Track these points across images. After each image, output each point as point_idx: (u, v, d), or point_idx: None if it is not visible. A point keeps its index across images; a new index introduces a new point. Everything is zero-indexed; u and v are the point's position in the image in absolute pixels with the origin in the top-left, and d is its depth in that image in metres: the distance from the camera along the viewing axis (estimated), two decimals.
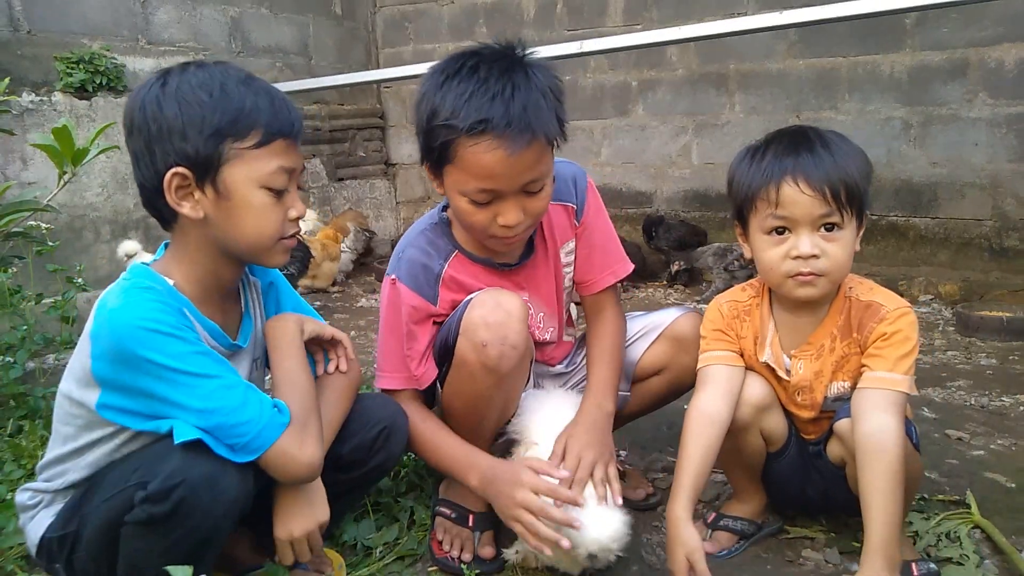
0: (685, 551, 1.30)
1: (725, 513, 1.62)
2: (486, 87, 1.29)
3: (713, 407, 1.42)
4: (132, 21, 4.11)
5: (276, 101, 1.20)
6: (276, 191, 1.21)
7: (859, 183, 1.32)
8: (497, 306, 1.42)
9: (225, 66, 1.22)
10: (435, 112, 1.33)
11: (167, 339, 1.10)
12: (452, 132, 1.30)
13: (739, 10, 4.11)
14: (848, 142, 1.37)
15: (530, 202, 1.39)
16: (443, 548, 1.57)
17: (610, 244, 1.69)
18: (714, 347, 1.50)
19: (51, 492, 1.24)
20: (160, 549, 1.09)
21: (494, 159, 1.29)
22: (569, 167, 1.65)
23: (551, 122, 1.34)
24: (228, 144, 1.16)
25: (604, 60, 4.65)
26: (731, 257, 3.94)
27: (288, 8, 4.97)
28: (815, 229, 1.33)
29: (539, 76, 1.34)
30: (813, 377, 1.44)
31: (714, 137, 4.43)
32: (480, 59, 1.33)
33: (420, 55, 5.33)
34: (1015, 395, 2.44)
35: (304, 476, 1.21)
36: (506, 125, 1.27)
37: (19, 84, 3.56)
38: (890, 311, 1.36)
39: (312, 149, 5.10)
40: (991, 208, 3.67)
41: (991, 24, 3.51)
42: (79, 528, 1.17)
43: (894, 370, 1.32)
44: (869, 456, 1.26)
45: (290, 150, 1.22)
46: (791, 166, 1.33)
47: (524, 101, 1.29)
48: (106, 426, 1.18)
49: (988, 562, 1.47)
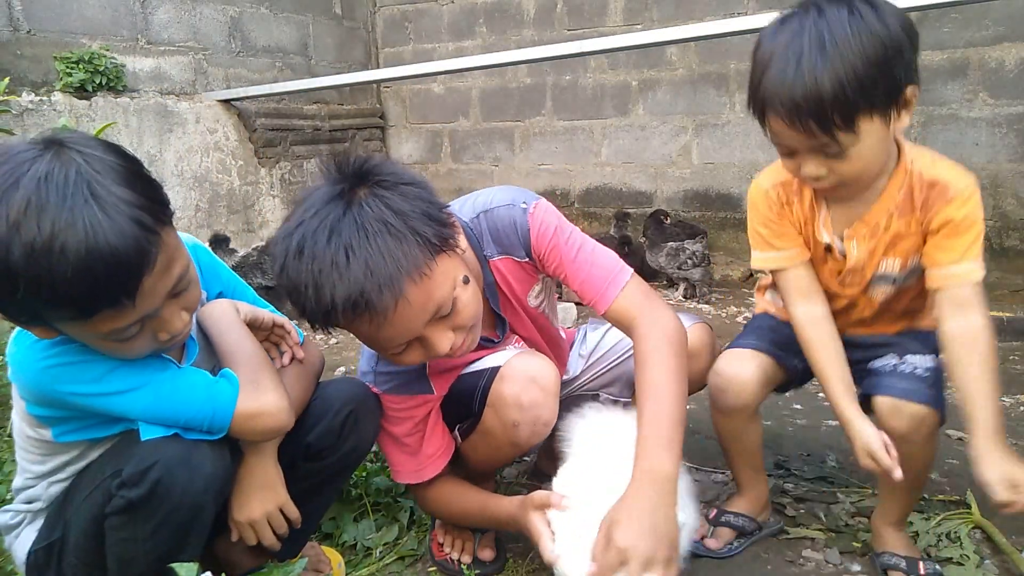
0: (861, 443, 1.29)
1: (726, 509, 1.62)
2: (317, 268, 1.07)
3: (818, 311, 1.39)
4: (132, 21, 4.10)
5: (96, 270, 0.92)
6: (123, 339, 1.03)
7: (860, 89, 1.11)
8: (531, 383, 1.33)
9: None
10: (295, 304, 1.14)
11: (77, 367, 1.05)
12: (316, 320, 1.14)
13: (739, 10, 4.11)
14: (864, 19, 1.12)
15: (455, 319, 1.19)
16: (443, 550, 1.57)
17: (591, 255, 1.37)
18: (781, 244, 1.40)
19: (32, 512, 1.23)
20: (144, 535, 1.08)
21: (372, 330, 1.13)
22: (508, 213, 1.38)
23: (408, 256, 1.09)
24: (47, 317, 0.99)
25: (604, 60, 4.65)
26: (683, 257, 3.92)
27: (288, 8, 4.96)
28: (818, 152, 1.20)
29: (374, 209, 1.09)
30: (867, 257, 1.36)
31: (714, 137, 4.43)
32: (302, 234, 1.10)
33: (420, 55, 5.34)
34: (1015, 395, 2.44)
35: (277, 425, 1.19)
36: (355, 302, 1.06)
37: (19, 84, 3.57)
38: (959, 191, 1.26)
39: (312, 149, 5.10)
40: (991, 208, 3.67)
41: (991, 24, 3.52)
42: (64, 533, 1.16)
43: (965, 259, 1.26)
44: (964, 354, 1.27)
45: (120, 315, 0.99)
46: (770, 95, 1.16)
47: (363, 263, 1.06)
48: (72, 448, 1.17)
49: (988, 562, 1.47)
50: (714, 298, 4.09)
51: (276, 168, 4.85)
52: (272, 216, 4.83)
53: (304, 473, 1.32)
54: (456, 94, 5.30)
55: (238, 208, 4.59)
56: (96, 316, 0.97)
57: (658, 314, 1.32)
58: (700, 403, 1.99)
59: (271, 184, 4.83)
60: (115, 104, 3.91)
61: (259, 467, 1.26)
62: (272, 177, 4.84)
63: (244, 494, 1.24)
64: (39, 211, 0.90)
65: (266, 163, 4.78)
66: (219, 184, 4.49)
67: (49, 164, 0.92)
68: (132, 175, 0.99)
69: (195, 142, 4.35)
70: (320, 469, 1.37)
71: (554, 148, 5.01)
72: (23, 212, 0.90)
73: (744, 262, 4.44)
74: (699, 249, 3.93)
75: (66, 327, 1.01)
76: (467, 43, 5.17)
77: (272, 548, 1.27)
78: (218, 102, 4.46)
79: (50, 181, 0.91)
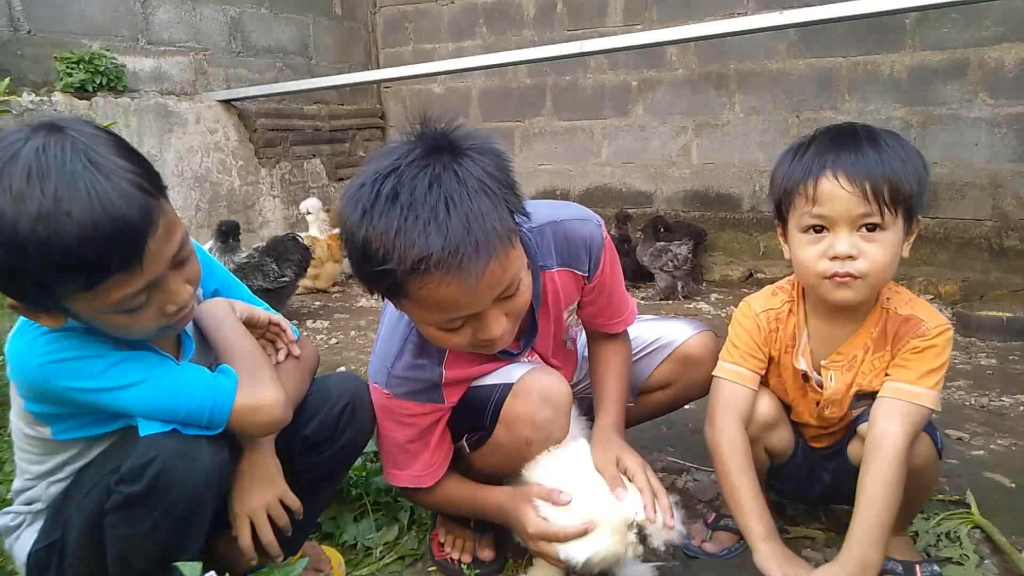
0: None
1: (726, 513, 1.62)
2: (414, 216, 1.03)
3: (740, 435, 1.39)
4: (132, 21, 4.11)
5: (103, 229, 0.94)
6: (131, 309, 1.04)
7: (906, 183, 1.22)
8: (544, 401, 1.35)
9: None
10: (365, 255, 1.08)
11: (77, 363, 1.05)
12: (392, 276, 1.07)
13: (739, 10, 4.11)
14: (903, 142, 1.28)
15: (510, 305, 1.19)
16: (443, 549, 1.57)
17: (621, 296, 1.55)
18: (744, 364, 1.44)
19: (32, 513, 1.23)
20: (144, 532, 1.08)
21: (452, 292, 1.08)
22: (583, 228, 1.42)
23: (501, 221, 1.08)
24: (57, 290, 0.99)
25: (604, 60, 4.66)
26: (665, 258, 3.98)
27: (288, 8, 4.97)
28: (855, 229, 1.24)
29: (473, 170, 1.08)
30: (844, 390, 1.40)
31: (714, 137, 4.43)
32: (398, 178, 1.06)
33: (420, 55, 5.34)
34: (1015, 395, 2.44)
35: (275, 419, 1.19)
36: (452, 255, 1.03)
37: (19, 84, 3.57)
38: (930, 328, 1.31)
39: (312, 149, 5.10)
40: (991, 208, 3.67)
41: (991, 24, 3.52)
42: (64, 532, 1.16)
43: (917, 383, 1.29)
44: (868, 459, 1.27)
45: (130, 279, 1.00)
46: (831, 161, 1.25)
47: (464, 217, 1.04)
48: (71, 446, 1.17)
49: (988, 562, 1.48)
50: (714, 297, 4.10)
51: (276, 168, 4.85)
52: (272, 216, 4.84)
53: (302, 468, 1.32)
54: (456, 94, 5.30)
55: (238, 208, 4.59)
56: (106, 282, 0.97)
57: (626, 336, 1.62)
58: (700, 403, 1.99)
59: (271, 184, 4.84)
60: (115, 104, 3.91)
61: (258, 460, 1.26)
62: (272, 177, 4.84)
63: (243, 487, 1.25)
64: (41, 178, 0.91)
65: (266, 163, 4.78)
66: (219, 184, 4.50)
67: (44, 138, 0.94)
68: (125, 148, 1.01)
69: (195, 142, 4.35)
70: (318, 463, 1.38)
71: (554, 148, 5.01)
72: (25, 181, 0.91)
73: (743, 262, 4.44)
74: (683, 252, 3.98)
75: (76, 302, 1.01)
76: (467, 43, 5.17)
77: (271, 550, 1.27)
78: (218, 102, 4.47)
79: (47, 151, 0.93)
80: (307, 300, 4.33)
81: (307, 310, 4.12)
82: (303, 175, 5.04)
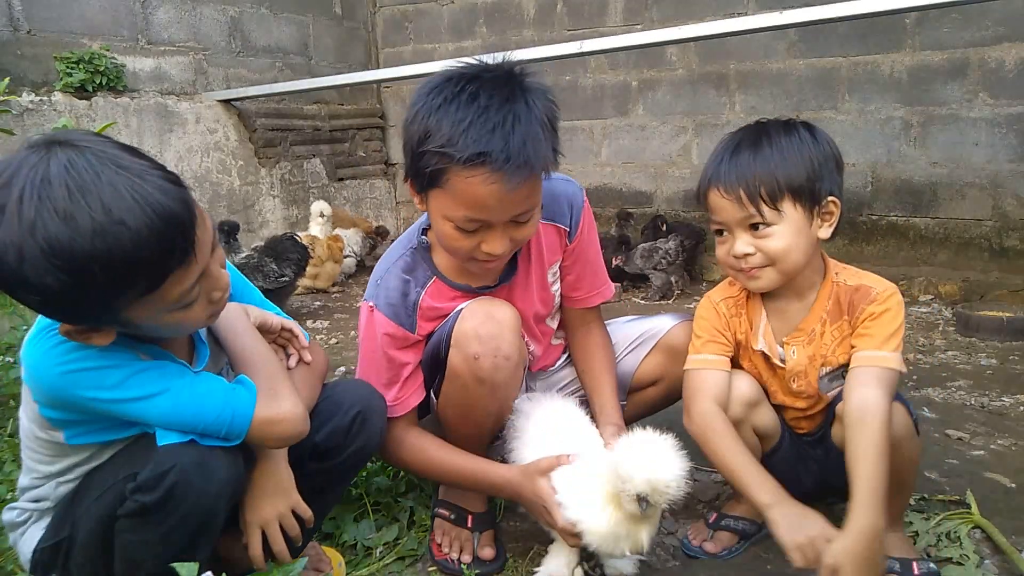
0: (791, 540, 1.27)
1: (726, 513, 1.62)
2: (486, 117, 1.22)
3: (719, 416, 1.43)
4: (132, 21, 4.11)
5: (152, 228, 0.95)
6: (187, 304, 1.07)
7: (785, 176, 1.34)
8: (488, 317, 1.41)
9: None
10: (428, 135, 1.26)
11: (97, 373, 1.05)
12: (447, 160, 1.24)
13: (739, 10, 4.11)
14: (793, 132, 1.38)
15: (517, 231, 1.36)
16: (442, 550, 1.57)
17: (599, 265, 1.68)
18: (707, 350, 1.50)
19: (39, 511, 1.23)
20: (155, 539, 1.08)
21: (488, 192, 1.24)
22: (566, 186, 1.59)
23: (547, 154, 1.29)
24: (119, 302, 0.99)
25: (604, 60, 4.65)
26: (657, 257, 3.99)
27: (288, 8, 4.96)
28: (746, 229, 1.38)
29: (538, 104, 1.28)
30: (807, 362, 1.46)
31: (714, 137, 4.42)
32: (481, 84, 1.26)
33: (420, 55, 5.33)
34: (1015, 395, 2.44)
35: (294, 432, 1.19)
36: (505, 160, 1.21)
37: (19, 84, 3.57)
38: (879, 292, 1.40)
39: (312, 149, 5.10)
40: (991, 208, 3.67)
41: (991, 24, 3.51)
42: (72, 532, 1.16)
43: (882, 348, 1.35)
44: (854, 429, 1.28)
45: (187, 272, 1.03)
46: (712, 173, 1.41)
47: (524, 134, 1.23)
48: (83, 450, 1.17)
49: (988, 562, 1.48)
50: None
51: (276, 168, 4.85)
52: (272, 216, 4.84)
53: (311, 473, 1.32)
54: None
55: (238, 208, 4.59)
56: (167, 280, 0.99)
57: (603, 323, 1.73)
58: None
59: (271, 184, 4.84)
60: (115, 104, 3.91)
61: (271, 470, 1.26)
62: (272, 177, 4.84)
63: (256, 496, 1.25)
64: (83, 194, 0.91)
65: (266, 163, 4.78)
66: (219, 184, 4.50)
67: (63, 155, 0.93)
68: (132, 148, 1.01)
69: (195, 142, 4.35)
70: (327, 469, 1.38)
71: None
72: (68, 199, 0.90)
73: None
74: (672, 247, 3.99)
75: (134, 309, 1.01)
76: (467, 43, 5.17)
77: (282, 559, 1.27)
78: (218, 102, 4.46)
79: (75, 166, 0.92)
80: (307, 300, 4.33)
81: (307, 310, 4.12)
82: (303, 175, 5.04)
